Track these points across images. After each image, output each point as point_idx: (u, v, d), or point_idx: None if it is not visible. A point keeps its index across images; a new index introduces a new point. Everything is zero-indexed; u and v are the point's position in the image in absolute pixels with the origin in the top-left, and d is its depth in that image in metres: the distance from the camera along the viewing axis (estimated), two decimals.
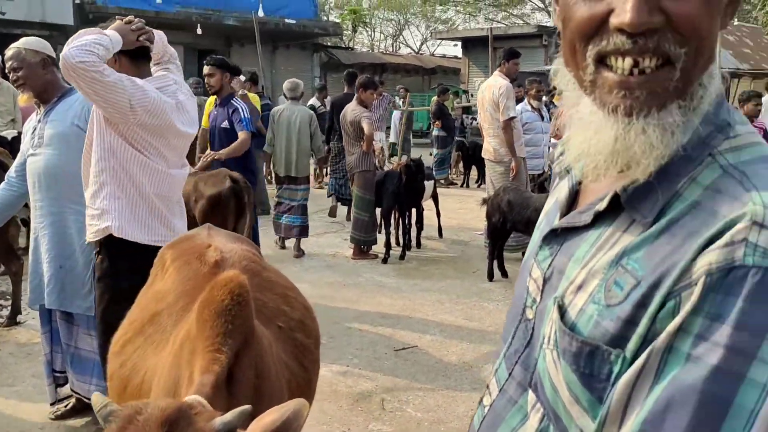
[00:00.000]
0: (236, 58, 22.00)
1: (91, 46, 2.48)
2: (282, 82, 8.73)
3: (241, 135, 5.55)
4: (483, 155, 7.18)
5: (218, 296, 1.53)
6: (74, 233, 3.26)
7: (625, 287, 0.76)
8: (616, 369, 0.75)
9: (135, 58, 2.82)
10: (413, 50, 39.28)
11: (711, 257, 0.69)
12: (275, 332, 1.88)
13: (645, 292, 0.74)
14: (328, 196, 9.19)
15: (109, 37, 2.60)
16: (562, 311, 0.83)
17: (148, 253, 2.81)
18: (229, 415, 1.14)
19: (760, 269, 0.66)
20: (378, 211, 7.27)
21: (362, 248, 7.20)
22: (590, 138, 0.81)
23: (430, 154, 12.63)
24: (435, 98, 13.26)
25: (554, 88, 0.92)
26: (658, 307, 0.72)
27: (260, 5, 18.12)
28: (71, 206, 3.24)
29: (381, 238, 7.21)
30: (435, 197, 7.95)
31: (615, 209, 0.82)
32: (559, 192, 0.99)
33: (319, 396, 3.91)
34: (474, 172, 12.59)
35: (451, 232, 8.30)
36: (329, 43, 26.84)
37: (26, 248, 6.55)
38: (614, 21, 0.74)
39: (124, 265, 2.82)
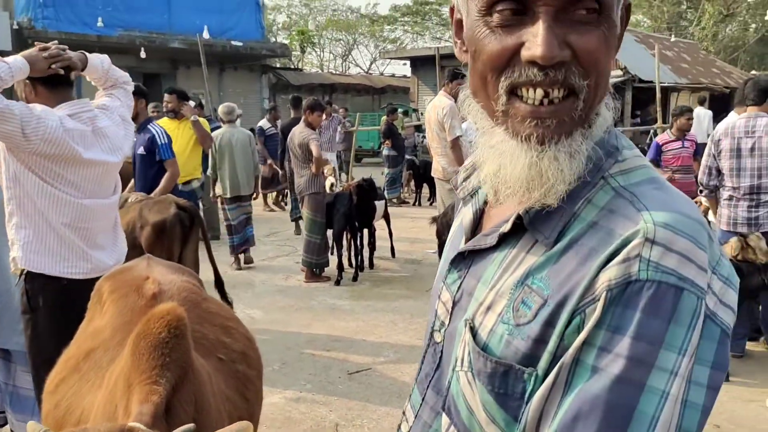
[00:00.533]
0: (183, 80, 21.80)
1: None
2: (231, 103, 8.83)
3: (168, 166, 5.33)
4: (432, 174, 7.24)
5: (154, 329, 1.49)
6: (9, 267, 3.15)
7: (533, 306, 0.79)
8: (529, 387, 0.78)
9: (52, 84, 2.73)
10: (363, 70, 39.58)
11: (610, 273, 0.73)
12: (215, 364, 1.84)
13: (552, 311, 0.77)
14: (293, 220, 9.31)
15: (8, 65, 2.51)
16: (473, 332, 0.85)
17: (68, 286, 2.77)
18: None
19: (653, 282, 0.71)
20: (329, 232, 7.24)
21: (314, 271, 7.15)
22: (506, 166, 0.84)
23: (382, 174, 12.68)
24: (384, 118, 13.34)
25: None
26: (566, 324, 0.76)
27: (205, 27, 17.99)
28: (3, 238, 3.13)
29: (333, 260, 7.18)
30: (387, 217, 7.96)
31: (518, 231, 0.86)
32: (463, 216, 1.01)
33: (272, 424, 3.86)
34: (426, 191, 12.68)
35: (404, 252, 8.31)
36: (278, 64, 26.83)
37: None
38: (526, 54, 0.78)
39: (41, 299, 2.76)
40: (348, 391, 4.34)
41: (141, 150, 5.33)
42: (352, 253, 7.41)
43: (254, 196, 8.17)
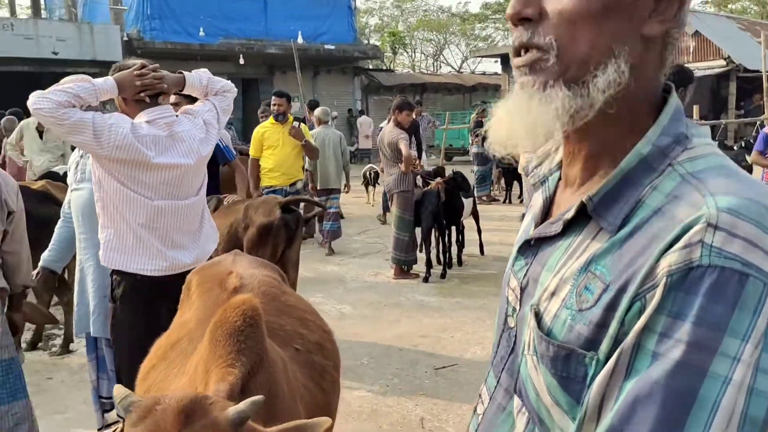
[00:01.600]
0: (279, 84, 22.46)
1: (51, 93, 2.61)
2: (324, 105, 9.41)
3: (234, 167, 5.20)
4: (519, 171, 7.15)
5: (231, 317, 1.57)
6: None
7: (595, 292, 0.80)
8: (591, 371, 0.79)
9: (138, 101, 2.90)
10: (454, 69, 39.39)
11: (671, 259, 0.73)
12: (292, 354, 1.91)
13: (613, 296, 0.78)
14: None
15: (92, 85, 2.71)
16: (538, 318, 0.87)
17: (141, 281, 2.91)
18: (242, 405, 1.19)
19: (716, 268, 0.70)
20: (418, 230, 7.29)
21: (403, 268, 7.22)
22: (512, 114, 0.90)
23: (471, 171, 12.59)
24: (473, 115, 13.25)
25: None
26: (626, 309, 0.76)
27: (299, 33, 18.49)
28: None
29: (422, 257, 7.22)
30: (476, 214, 7.93)
31: (583, 218, 0.87)
32: (534, 203, 1.03)
33: (358, 416, 3.95)
34: (516, 188, 12.49)
35: (493, 249, 8.24)
36: (370, 66, 27.17)
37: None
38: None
39: (120, 292, 2.96)
40: (434, 386, 4.37)
41: None
42: (441, 251, 7.42)
43: (346, 190, 8.99)
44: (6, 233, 2.96)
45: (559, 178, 0.99)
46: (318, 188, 8.36)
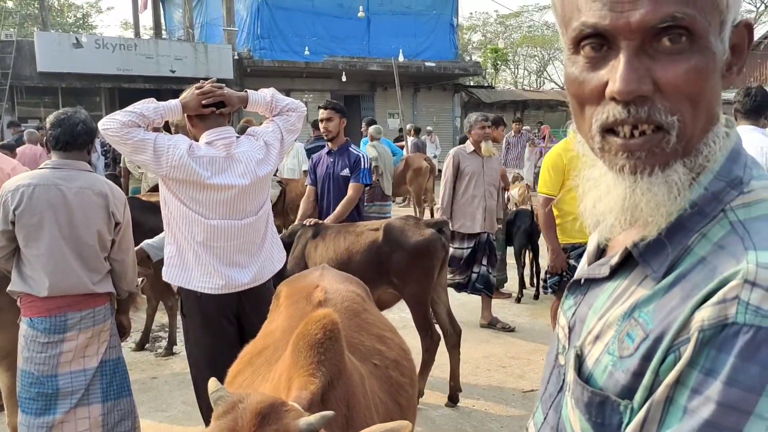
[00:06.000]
0: (380, 101, 22.90)
1: (119, 114, 2.81)
2: (424, 122, 9.72)
3: (353, 188, 4.97)
4: None
5: (312, 330, 1.65)
6: None
7: (635, 339, 0.78)
8: (625, 419, 0.78)
9: (202, 117, 3.05)
10: (558, 85, 38.61)
11: (704, 313, 0.71)
12: (371, 369, 1.97)
13: (650, 345, 0.76)
14: None
15: (157, 105, 2.90)
16: (580, 360, 0.87)
17: (202, 298, 3.02)
18: (313, 417, 1.26)
19: (751, 327, 0.67)
20: (509, 250, 7.20)
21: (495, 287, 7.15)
22: (602, 198, 0.85)
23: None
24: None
25: None
26: (661, 360, 0.75)
27: (400, 51, 18.75)
28: None
29: (514, 277, 7.12)
30: None
31: (631, 263, 0.85)
32: (590, 241, 1.02)
33: None
34: None
35: None
36: (470, 83, 27.13)
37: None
38: (607, 91, 0.79)
39: (186, 307, 3.12)
40: (521, 409, 4.30)
41: (345, 172, 5.08)
42: (534, 271, 7.30)
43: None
44: (114, 243, 3.21)
45: None
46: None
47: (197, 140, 3.03)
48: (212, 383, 1.35)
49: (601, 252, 0.98)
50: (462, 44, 32.00)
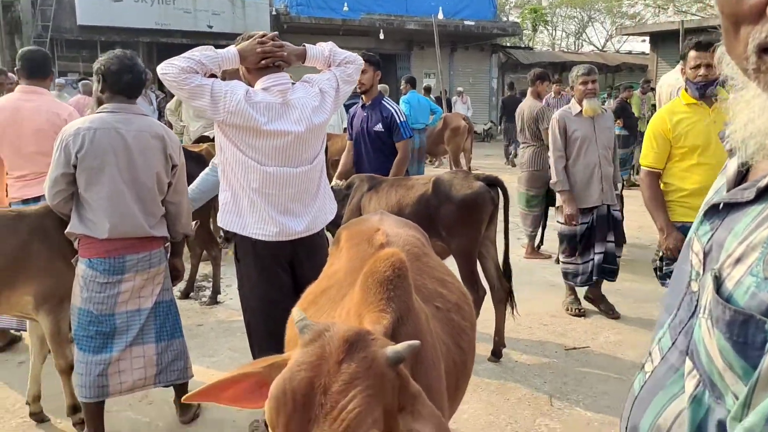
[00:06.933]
0: (416, 61, 22.63)
1: (177, 59, 2.79)
2: (460, 83, 9.40)
3: (399, 148, 4.98)
4: None
5: (381, 268, 1.64)
6: None
7: None
8: None
9: (260, 69, 3.01)
10: (596, 48, 37.73)
11: None
12: (433, 311, 1.96)
13: None
14: None
15: (216, 54, 2.88)
16: (718, 282, 0.85)
17: (256, 245, 3.03)
18: (400, 347, 1.26)
19: None
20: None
21: (535, 247, 7.11)
22: (754, 120, 0.83)
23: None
24: (619, 97, 12.66)
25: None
26: None
27: (440, 9, 18.42)
28: None
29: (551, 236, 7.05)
30: (620, 198, 7.61)
31: None
32: (728, 168, 1.00)
33: (487, 387, 3.98)
34: None
35: (632, 236, 7.88)
36: (508, 44, 26.63)
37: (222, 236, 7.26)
38: None
39: (240, 252, 3.13)
40: (564, 366, 4.30)
41: (378, 127, 5.08)
42: None
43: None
44: (170, 185, 3.24)
45: None
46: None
47: (252, 86, 3.01)
48: (296, 312, 1.36)
49: (741, 177, 0.96)
50: (500, 4, 31.30)
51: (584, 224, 5.16)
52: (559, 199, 5.30)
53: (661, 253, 4.00)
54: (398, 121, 4.99)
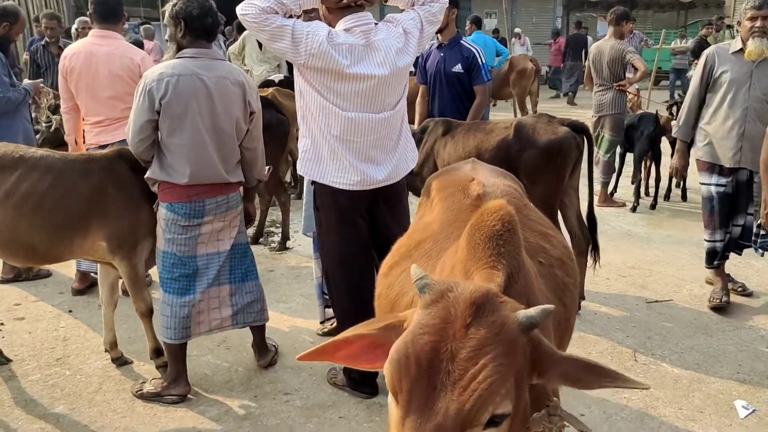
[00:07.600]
0: (477, 0, 21.87)
1: (257, 0, 2.64)
2: (523, 23, 8.89)
3: (478, 92, 4.78)
4: None
5: (489, 221, 1.52)
6: None
7: None
8: None
9: (341, 8, 2.84)
10: None
11: None
12: (537, 267, 1.83)
13: None
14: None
15: None
16: None
17: (337, 193, 2.93)
18: (533, 311, 1.15)
19: None
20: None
21: (608, 195, 6.86)
22: None
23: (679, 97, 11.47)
24: (697, 36, 11.93)
25: None
26: None
27: None
28: None
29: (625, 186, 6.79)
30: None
31: None
32: None
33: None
34: None
35: None
36: None
37: (290, 182, 7.22)
38: None
39: (320, 201, 3.05)
40: (646, 320, 4.14)
41: (458, 68, 4.85)
42: (655, 179, 6.89)
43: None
44: (247, 131, 3.17)
45: None
46: None
47: (333, 27, 2.87)
48: (414, 269, 1.25)
49: None
50: None
51: (720, 186, 4.22)
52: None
53: (760, 221, 3.69)
54: (479, 63, 4.78)
